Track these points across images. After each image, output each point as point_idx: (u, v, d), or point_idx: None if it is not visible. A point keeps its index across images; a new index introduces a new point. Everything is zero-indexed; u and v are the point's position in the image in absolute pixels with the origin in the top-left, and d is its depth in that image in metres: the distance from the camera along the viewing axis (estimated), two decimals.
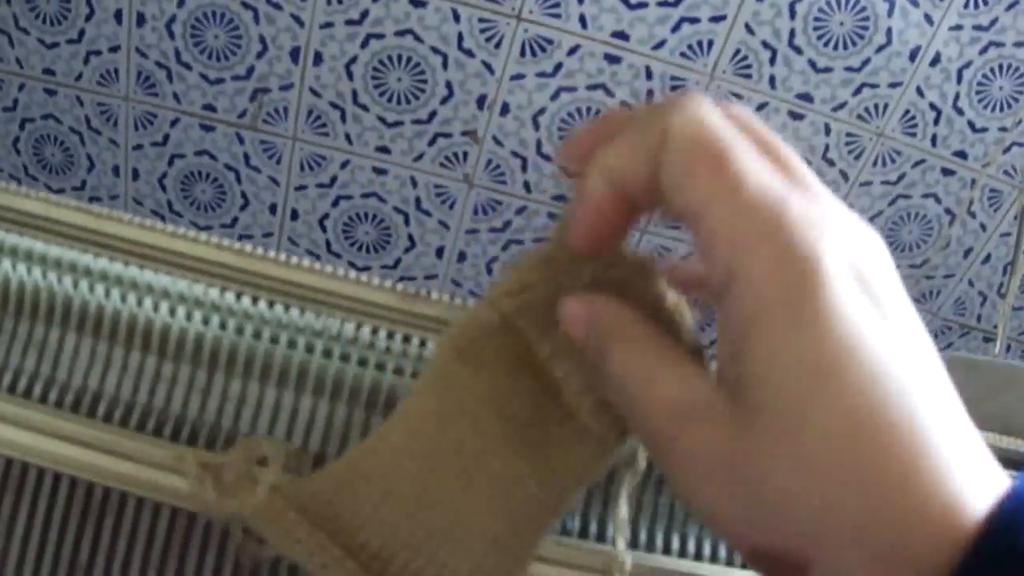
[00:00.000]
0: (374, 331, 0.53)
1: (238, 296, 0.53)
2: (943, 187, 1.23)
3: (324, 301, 0.54)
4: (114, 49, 1.08)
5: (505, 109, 1.10)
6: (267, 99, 1.09)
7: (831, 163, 1.19)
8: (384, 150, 1.13)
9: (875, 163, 1.20)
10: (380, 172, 1.15)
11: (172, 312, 0.51)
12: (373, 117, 1.10)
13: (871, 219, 1.22)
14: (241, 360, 0.50)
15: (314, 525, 0.42)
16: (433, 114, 1.11)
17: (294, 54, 1.07)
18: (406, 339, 0.53)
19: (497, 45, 1.08)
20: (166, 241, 0.55)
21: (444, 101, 1.10)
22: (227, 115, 1.10)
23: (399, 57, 1.07)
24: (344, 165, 1.14)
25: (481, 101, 1.10)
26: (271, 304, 0.53)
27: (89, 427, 0.48)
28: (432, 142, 1.13)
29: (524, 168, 1.14)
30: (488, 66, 1.08)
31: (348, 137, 1.12)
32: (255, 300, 0.53)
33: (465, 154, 1.14)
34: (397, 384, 0.51)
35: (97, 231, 0.55)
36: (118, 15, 1.06)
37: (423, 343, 0.52)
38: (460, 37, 1.07)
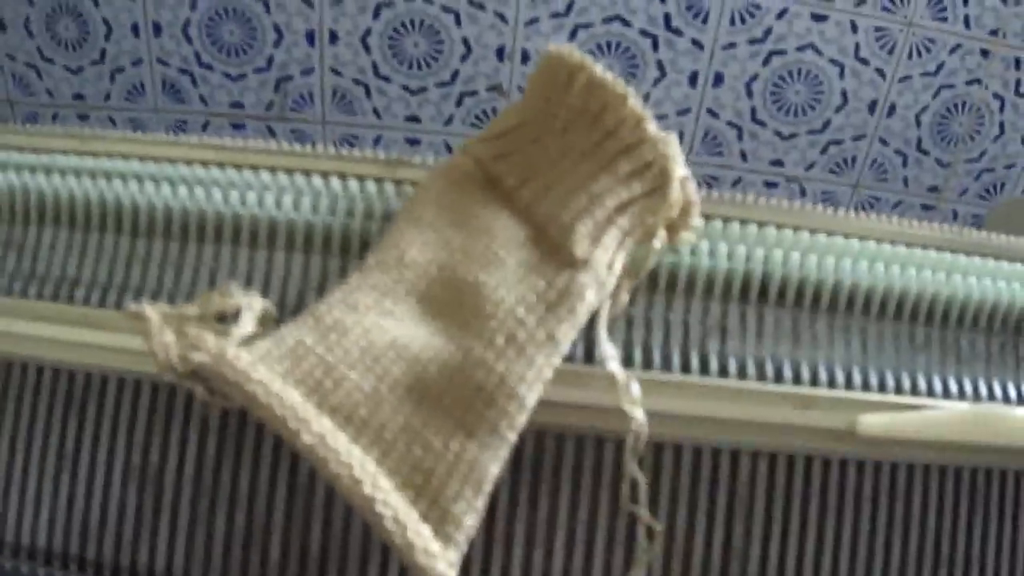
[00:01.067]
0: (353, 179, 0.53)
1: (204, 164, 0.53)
2: (985, 70, 1.20)
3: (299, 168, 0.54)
4: (136, 63, 1.09)
5: (525, 57, 1.10)
6: (291, 87, 1.10)
7: (865, 62, 1.17)
8: (414, 119, 1.13)
9: (910, 55, 1.17)
10: (413, 143, 1.15)
11: (140, 189, 0.50)
12: (397, 87, 1.11)
13: (917, 115, 1.19)
14: (211, 225, 0.50)
15: (284, 383, 0.40)
16: (455, 74, 1.11)
17: (309, 37, 1.08)
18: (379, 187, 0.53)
19: None
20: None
21: (464, 58, 1.10)
22: (254, 109, 1.11)
23: (412, 22, 1.08)
24: (376, 141, 1.15)
25: (500, 52, 1.10)
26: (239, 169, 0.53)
27: (67, 311, 0.48)
28: (459, 103, 1.13)
29: None
30: (501, 16, 1.08)
31: (376, 112, 1.12)
32: (221, 166, 0.53)
33: (494, 109, 1.13)
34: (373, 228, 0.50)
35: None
36: (135, 28, 1.08)
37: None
38: None
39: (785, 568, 0.48)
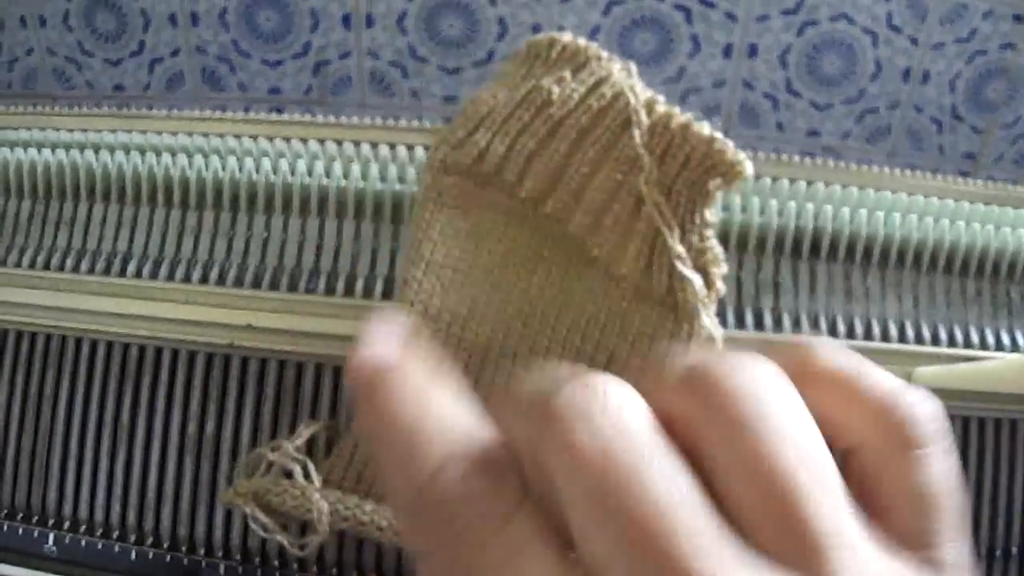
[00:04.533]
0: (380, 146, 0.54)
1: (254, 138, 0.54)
2: (1019, 35, 1.19)
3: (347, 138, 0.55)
4: (175, 53, 1.11)
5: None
6: (329, 71, 1.11)
7: (897, 30, 1.16)
8: (450, 99, 1.14)
9: (941, 22, 1.17)
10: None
11: (188, 162, 0.51)
12: (433, 68, 1.11)
13: (951, 82, 1.19)
14: (261, 195, 0.51)
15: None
16: (491, 53, 1.11)
17: (345, 20, 1.09)
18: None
19: None
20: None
21: (500, 38, 1.10)
22: (293, 94, 1.12)
23: (447, 3, 1.08)
24: None
25: (536, 30, 1.10)
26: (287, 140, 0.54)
27: (119, 284, 0.50)
28: None
29: None
30: None
31: (414, 93, 1.13)
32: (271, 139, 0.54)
33: None
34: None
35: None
36: (172, 18, 1.09)
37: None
38: None
39: None
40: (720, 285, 0.44)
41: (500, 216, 0.45)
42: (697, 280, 0.42)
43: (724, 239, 0.50)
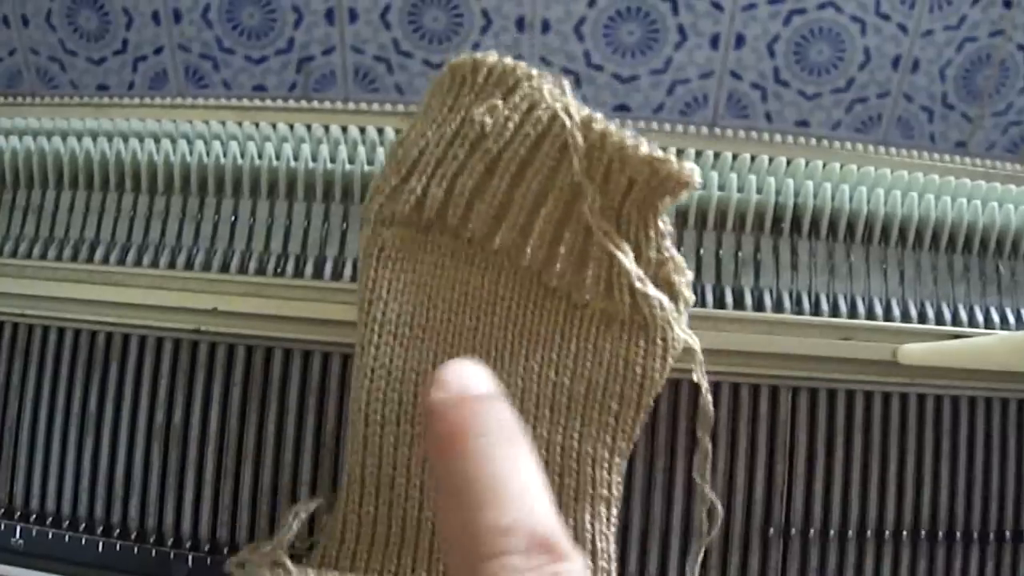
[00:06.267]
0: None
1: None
2: (1008, 21, 1.18)
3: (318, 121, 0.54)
4: (158, 51, 1.10)
5: (546, 26, 1.10)
6: (312, 67, 1.10)
7: (886, 17, 1.16)
8: None
9: (931, 9, 1.16)
10: None
11: (156, 147, 0.50)
12: (418, 62, 1.10)
13: (942, 70, 1.18)
14: (229, 178, 0.50)
15: None
16: (476, 46, 1.10)
17: (329, 16, 1.08)
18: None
19: None
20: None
21: (484, 31, 1.09)
22: (278, 91, 1.11)
23: None
24: None
25: (520, 23, 1.09)
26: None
27: (86, 270, 0.49)
28: None
29: (578, 83, 1.13)
30: None
31: (399, 88, 1.12)
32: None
33: None
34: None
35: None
36: (155, 16, 1.08)
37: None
38: None
39: (830, 506, 0.48)
40: (688, 294, 0.43)
41: (448, 260, 0.43)
42: (662, 297, 0.41)
43: (701, 216, 0.49)
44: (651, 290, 0.41)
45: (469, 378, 0.25)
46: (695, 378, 0.43)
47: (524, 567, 0.22)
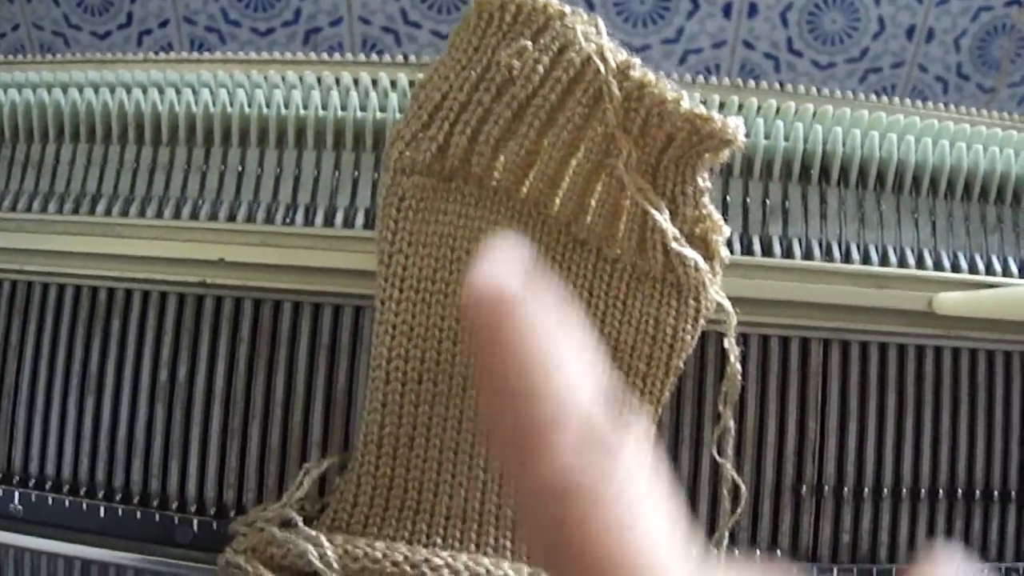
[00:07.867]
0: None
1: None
2: None
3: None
4: (163, 24, 1.08)
5: None
6: (320, 38, 1.08)
7: None
8: None
9: None
10: None
11: (160, 98, 0.49)
12: (427, 32, 1.09)
13: (956, 40, 1.16)
14: (236, 127, 0.48)
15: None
16: None
17: None
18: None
19: None
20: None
21: None
22: None
23: None
24: None
25: None
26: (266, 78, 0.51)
27: (87, 223, 0.47)
28: None
29: None
30: None
31: (407, 59, 1.10)
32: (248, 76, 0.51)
33: None
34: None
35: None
36: None
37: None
38: None
39: (864, 460, 0.46)
40: (724, 252, 0.41)
41: (472, 210, 0.41)
42: (697, 258, 0.40)
43: (728, 163, 0.47)
44: (687, 251, 0.39)
45: (511, 263, 0.23)
46: (726, 344, 0.41)
47: (575, 462, 0.21)
